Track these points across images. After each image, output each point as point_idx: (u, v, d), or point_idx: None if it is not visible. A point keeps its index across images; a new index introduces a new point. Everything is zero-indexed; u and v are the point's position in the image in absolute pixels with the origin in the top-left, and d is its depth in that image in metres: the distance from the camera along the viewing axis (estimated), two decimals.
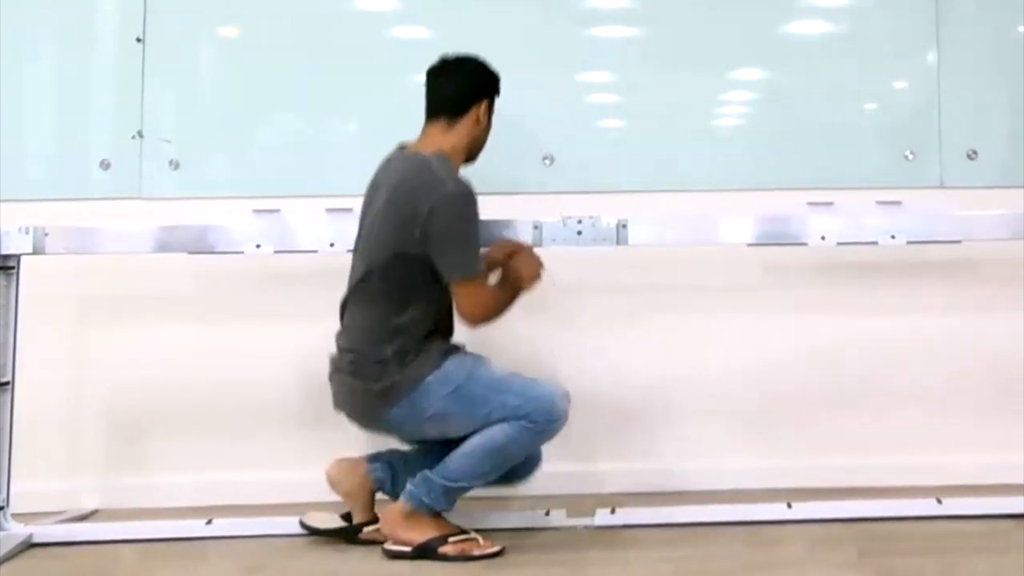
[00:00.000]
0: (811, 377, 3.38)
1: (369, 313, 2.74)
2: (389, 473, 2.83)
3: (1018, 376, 3.32)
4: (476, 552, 2.69)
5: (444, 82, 2.83)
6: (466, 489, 2.72)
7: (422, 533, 2.70)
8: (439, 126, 2.81)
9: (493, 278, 2.86)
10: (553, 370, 3.39)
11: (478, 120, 2.82)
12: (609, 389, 3.39)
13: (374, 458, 2.86)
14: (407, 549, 2.69)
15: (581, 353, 3.41)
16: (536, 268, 2.85)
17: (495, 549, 2.71)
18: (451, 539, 2.70)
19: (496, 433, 2.67)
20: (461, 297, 2.71)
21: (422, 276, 2.70)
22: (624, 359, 3.40)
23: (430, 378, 2.69)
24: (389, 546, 2.71)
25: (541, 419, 2.67)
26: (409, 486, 2.72)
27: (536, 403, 2.67)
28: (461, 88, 2.82)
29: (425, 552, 2.68)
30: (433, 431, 2.76)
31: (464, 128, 2.81)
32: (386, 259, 2.71)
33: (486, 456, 2.68)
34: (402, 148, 2.85)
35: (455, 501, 2.74)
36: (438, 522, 2.73)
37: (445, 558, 2.67)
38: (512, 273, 2.84)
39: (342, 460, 2.85)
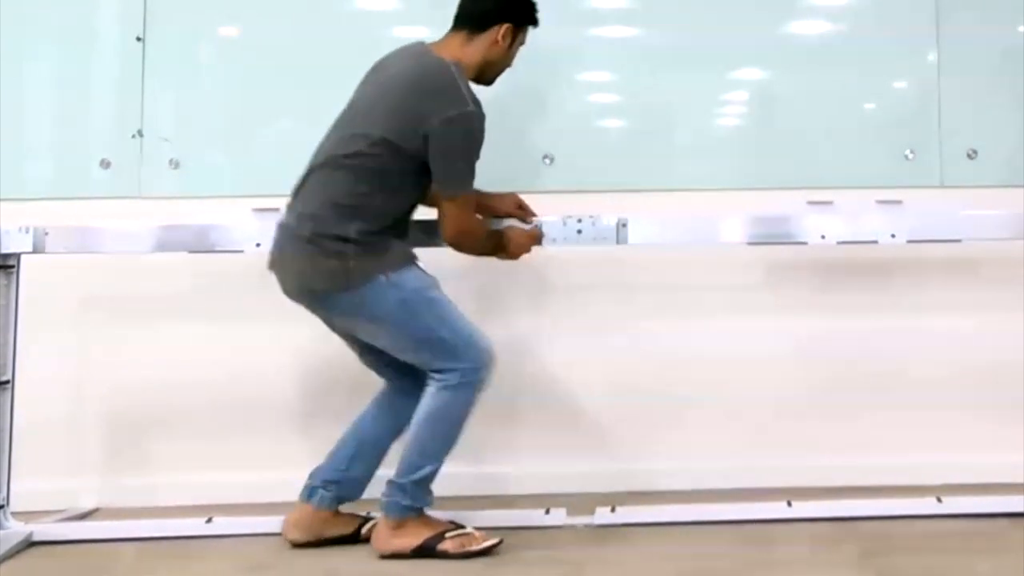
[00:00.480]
0: (811, 376, 3.38)
1: (342, 186, 2.71)
2: (334, 486, 2.81)
3: (1018, 376, 3.32)
4: (474, 547, 2.69)
5: None
6: (432, 475, 2.72)
7: (417, 536, 2.70)
8: (459, 37, 2.82)
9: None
10: (553, 370, 3.40)
11: (497, 41, 2.82)
12: (609, 389, 3.39)
13: (310, 493, 2.82)
14: (406, 551, 2.69)
15: (581, 353, 3.40)
16: (524, 248, 2.92)
17: (493, 542, 2.71)
18: (447, 535, 2.71)
19: (429, 406, 2.70)
20: (448, 211, 2.74)
21: (406, 172, 2.71)
22: (624, 359, 3.40)
23: (383, 278, 2.67)
24: (386, 551, 2.71)
25: (468, 366, 2.69)
26: (383, 499, 2.72)
27: (468, 349, 2.70)
28: (487, 5, 2.83)
29: (424, 552, 2.68)
30: (364, 331, 2.75)
31: (481, 45, 2.81)
32: (378, 141, 2.69)
33: (433, 431, 2.70)
34: (421, 43, 2.85)
35: (431, 491, 2.73)
36: (428, 522, 2.73)
37: (445, 555, 2.68)
38: (503, 238, 2.90)
39: (287, 518, 2.84)
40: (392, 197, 2.72)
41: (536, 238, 2.95)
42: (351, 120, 2.79)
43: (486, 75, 2.86)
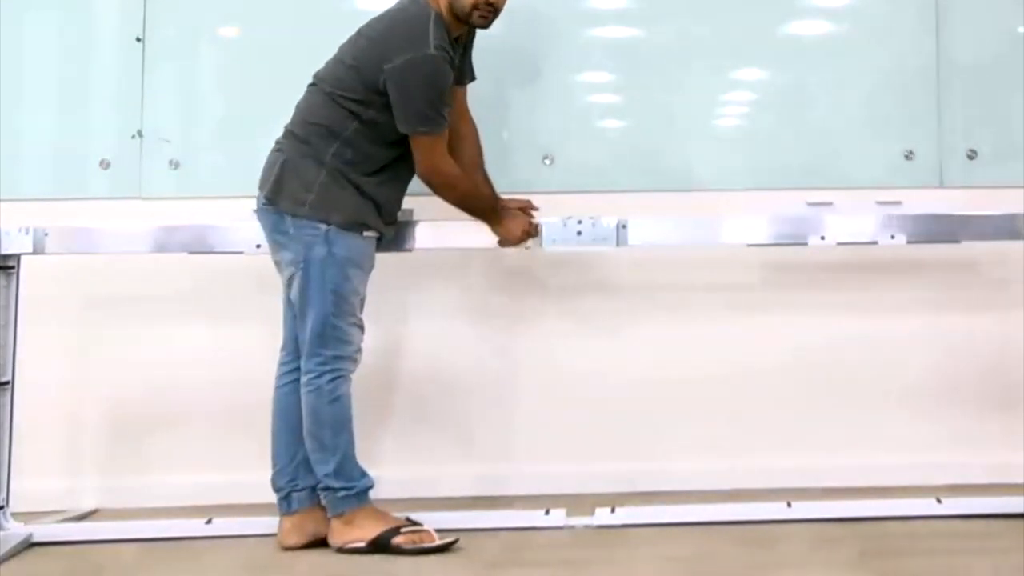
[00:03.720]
0: (811, 377, 3.38)
1: (321, 109, 2.84)
2: (299, 480, 2.84)
3: (1018, 376, 3.32)
4: (427, 543, 2.71)
5: None
6: (344, 461, 2.77)
7: (371, 529, 2.73)
8: None
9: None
10: (552, 370, 3.40)
11: None
12: (609, 389, 3.38)
13: (287, 502, 2.84)
14: (361, 544, 2.72)
15: (581, 353, 3.40)
16: (513, 234, 2.93)
17: (448, 540, 2.72)
18: (403, 530, 2.73)
19: (306, 406, 2.78)
20: (414, 149, 2.81)
21: (379, 108, 2.79)
22: (624, 358, 3.40)
23: (324, 227, 2.77)
24: (344, 546, 2.74)
25: (331, 353, 2.77)
26: (324, 503, 2.78)
27: (338, 342, 2.78)
28: None
29: (379, 544, 2.70)
30: (285, 263, 2.82)
31: None
32: (351, 67, 2.83)
33: (319, 427, 2.77)
34: None
35: (354, 474, 2.77)
36: (381, 516, 2.76)
37: (399, 549, 2.69)
38: (500, 209, 2.93)
39: (280, 530, 2.84)
40: (369, 132, 2.81)
41: (531, 229, 2.95)
42: (342, 48, 2.91)
43: (457, 15, 2.84)
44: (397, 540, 2.71)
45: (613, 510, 2.99)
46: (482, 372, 3.40)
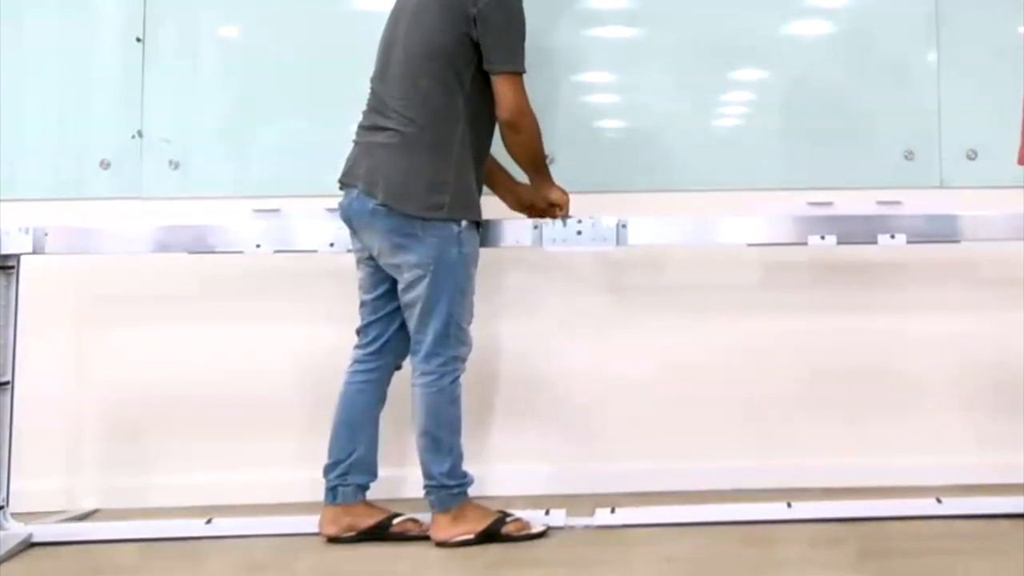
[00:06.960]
0: (811, 377, 3.38)
1: (432, 90, 2.77)
2: (348, 476, 2.84)
3: (1018, 376, 3.32)
4: (530, 531, 2.81)
5: None
6: (459, 460, 2.81)
7: (478, 522, 2.78)
8: None
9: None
10: (552, 370, 3.40)
11: None
12: (609, 389, 3.39)
13: (333, 494, 2.84)
14: (470, 537, 2.76)
15: (580, 353, 3.40)
16: (557, 197, 2.97)
17: (541, 529, 2.84)
18: (507, 520, 2.81)
19: (425, 406, 2.78)
20: (503, 89, 2.78)
21: (474, 69, 2.79)
22: (623, 359, 3.40)
23: (456, 227, 2.76)
24: (451, 539, 2.77)
25: (451, 354, 2.78)
26: (429, 500, 2.80)
27: (459, 343, 2.80)
28: None
29: (488, 535, 2.77)
30: (404, 266, 2.77)
31: None
32: (439, 33, 2.77)
33: (438, 428, 2.78)
34: None
35: (463, 471, 2.82)
36: (483, 510, 2.82)
37: (510, 537, 2.78)
38: (553, 184, 2.98)
39: (320, 518, 2.85)
40: (471, 103, 2.78)
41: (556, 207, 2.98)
42: (407, 30, 2.84)
43: None
44: (507, 529, 2.79)
45: (613, 510, 3.00)
46: (479, 371, 3.39)
